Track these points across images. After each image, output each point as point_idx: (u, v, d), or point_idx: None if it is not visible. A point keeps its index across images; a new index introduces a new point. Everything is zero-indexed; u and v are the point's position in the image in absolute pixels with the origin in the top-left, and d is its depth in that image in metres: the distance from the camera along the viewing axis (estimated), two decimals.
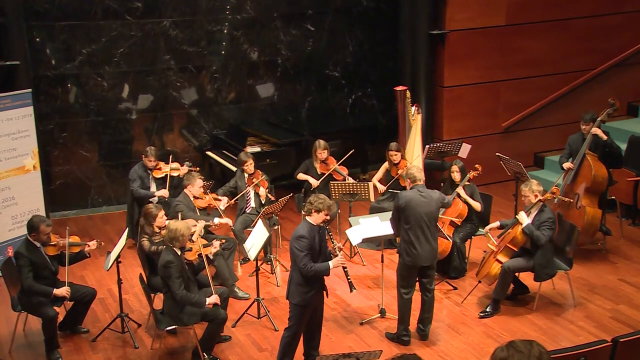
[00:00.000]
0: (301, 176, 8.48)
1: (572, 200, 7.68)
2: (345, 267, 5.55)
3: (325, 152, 8.40)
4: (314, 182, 8.37)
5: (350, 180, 8.29)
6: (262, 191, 7.94)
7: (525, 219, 6.58)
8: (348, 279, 5.62)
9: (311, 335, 5.85)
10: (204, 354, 6.08)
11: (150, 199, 8.12)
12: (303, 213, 5.66)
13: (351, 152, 8.40)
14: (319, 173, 8.47)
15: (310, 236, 5.44)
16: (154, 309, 6.25)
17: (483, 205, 7.57)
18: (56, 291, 6.21)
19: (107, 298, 7.36)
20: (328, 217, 5.52)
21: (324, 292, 5.74)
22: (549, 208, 6.75)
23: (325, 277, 5.66)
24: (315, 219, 5.48)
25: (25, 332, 6.68)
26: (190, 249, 6.25)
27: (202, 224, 7.04)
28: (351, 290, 5.70)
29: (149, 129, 10.08)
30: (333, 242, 5.60)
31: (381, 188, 8.30)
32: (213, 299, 6.03)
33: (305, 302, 5.56)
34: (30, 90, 8.23)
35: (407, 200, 6.02)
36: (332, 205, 5.51)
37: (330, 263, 5.46)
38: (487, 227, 7.04)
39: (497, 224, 7.04)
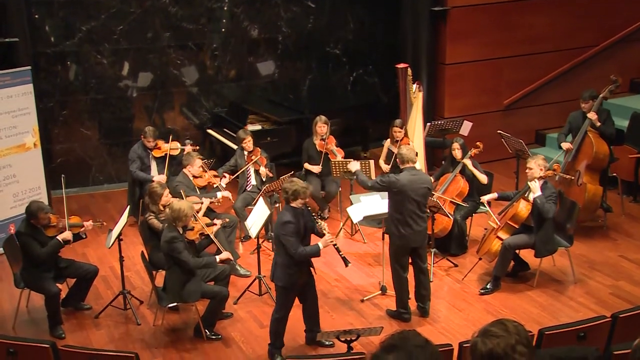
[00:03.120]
0: (306, 166, 8.48)
1: (573, 178, 7.66)
2: (336, 244, 5.53)
3: (325, 127, 8.37)
4: (317, 169, 8.36)
5: (341, 159, 8.25)
6: (262, 169, 7.92)
7: (537, 188, 6.53)
8: (341, 255, 5.61)
9: (309, 312, 5.88)
10: (206, 330, 6.12)
11: (149, 183, 8.11)
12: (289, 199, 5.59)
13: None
14: (318, 151, 8.45)
15: (296, 220, 5.45)
16: (156, 286, 6.27)
17: (488, 179, 7.55)
18: (61, 235, 6.23)
19: (109, 275, 7.38)
20: (306, 200, 5.49)
21: (311, 269, 5.73)
22: (551, 184, 6.73)
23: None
24: (296, 203, 5.49)
25: (29, 308, 6.71)
26: (192, 228, 6.25)
27: (206, 202, 7.04)
28: (346, 265, 5.70)
29: (149, 107, 10.04)
30: (318, 223, 5.55)
31: (385, 168, 8.27)
32: (224, 255, 6.07)
33: (291, 283, 5.60)
34: (29, 67, 8.18)
35: (400, 184, 5.99)
36: (306, 191, 5.43)
37: (320, 243, 5.45)
38: (485, 197, 7.02)
39: (495, 195, 7.03)
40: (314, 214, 5.59)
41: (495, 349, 2.45)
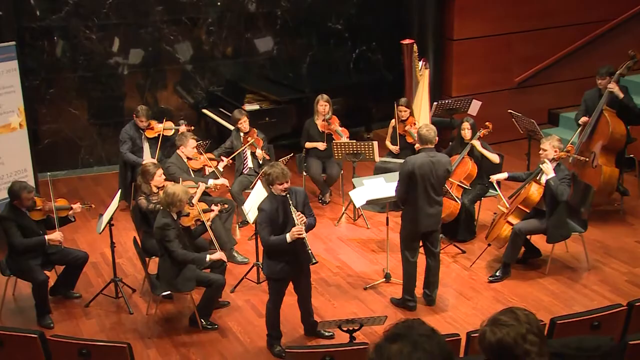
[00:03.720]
0: (308, 145, 8.46)
1: (587, 159, 7.63)
2: (303, 238, 5.41)
3: (327, 106, 8.34)
4: (322, 146, 8.33)
5: (347, 140, 8.23)
6: (258, 151, 7.90)
7: (550, 170, 6.51)
8: (307, 249, 5.44)
9: (300, 304, 5.88)
10: (202, 320, 6.13)
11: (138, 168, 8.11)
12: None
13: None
14: (321, 131, 8.42)
15: (271, 208, 5.43)
16: (149, 274, 6.27)
17: (500, 158, 7.53)
18: (49, 236, 6.22)
19: (100, 262, 7.39)
20: (286, 186, 5.42)
21: (305, 259, 5.58)
22: (564, 166, 6.71)
23: (305, 247, 5.56)
24: (274, 189, 5.47)
25: (15, 296, 6.72)
26: (188, 214, 6.24)
27: (202, 187, 7.03)
28: (311, 263, 5.53)
29: (141, 85, 10.00)
30: (292, 212, 5.48)
31: (394, 149, 8.23)
32: (217, 255, 6.07)
33: (275, 274, 5.59)
34: (14, 43, 8.12)
35: (417, 165, 5.96)
36: (281, 174, 5.34)
37: (287, 235, 5.39)
38: (495, 177, 7.00)
39: (505, 175, 7.02)
40: (291, 202, 5.46)
41: (504, 338, 2.44)
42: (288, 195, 5.44)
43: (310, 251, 5.46)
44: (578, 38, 10.30)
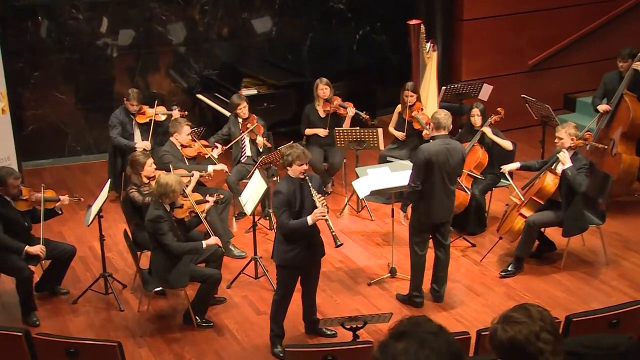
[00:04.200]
0: (308, 131, 8.45)
1: (606, 147, 7.62)
2: (328, 220, 5.50)
3: (328, 89, 8.34)
4: (323, 132, 8.33)
5: (354, 111, 8.22)
6: (259, 139, 7.89)
7: (567, 159, 6.49)
8: (332, 233, 5.56)
9: (306, 299, 5.90)
10: (197, 317, 6.14)
11: (131, 151, 8.10)
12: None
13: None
14: (322, 116, 8.42)
15: (289, 191, 5.45)
16: (141, 269, 6.29)
17: (513, 145, 7.52)
18: (29, 248, 6.22)
19: (89, 256, 7.40)
20: (305, 167, 5.47)
21: (319, 250, 5.71)
22: (582, 154, 6.70)
23: (317, 236, 5.66)
24: (292, 172, 5.49)
25: None
26: (181, 206, 6.24)
27: (196, 176, 7.03)
28: (336, 245, 5.63)
29: (132, 68, 9.98)
30: (312, 194, 5.52)
31: (400, 135, 8.22)
32: (212, 240, 6.08)
33: (287, 262, 5.60)
34: None
35: (433, 153, 5.95)
36: (302, 154, 5.43)
37: (309, 218, 5.44)
38: (506, 167, 7.00)
39: (517, 165, 7.01)
40: (311, 184, 5.52)
41: (517, 336, 2.45)
42: (307, 178, 5.49)
43: (334, 234, 5.55)
44: (596, 17, 10.26)
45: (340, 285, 6.79)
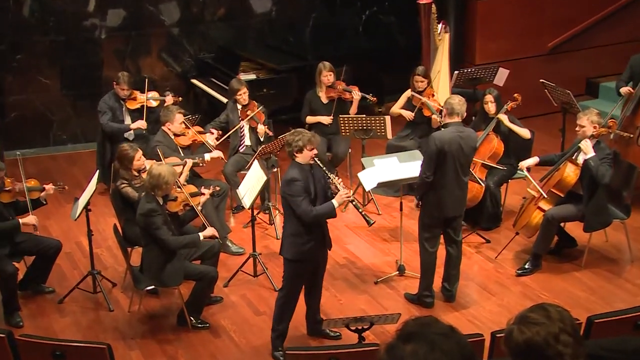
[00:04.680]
0: (310, 119, 8.44)
1: (631, 135, 7.60)
2: (354, 201, 5.59)
3: (331, 75, 8.33)
4: (327, 120, 8.32)
5: (360, 94, 8.21)
6: (260, 127, 7.89)
7: (590, 149, 6.48)
8: (361, 213, 5.71)
9: (310, 295, 5.91)
10: (191, 317, 6.15)
11: (126, 134, 8.10)
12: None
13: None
14: (325, 103, 8.41)
15: (303, 176, 5.46)
16: (131, 266, 6.30)
17: (531, 134, 7.52)
18: (24, 219, 6.24)
19: (76, 252, 7.42)
20: (315, 152, 5.49)
21: (329, 241, 5.76)
22: (605, 144, 6.68)
23: (327, 227, 5.70)
24: (302, 158, 5.49)
25: None
26: (175, 199, 6.25)
27: (189, 164, 7.03)
28: (369, 224, 5.82)
29: (121, 51, 9.98)
30: (329, 178, 5.57)
31: (408, 115, 8.19)
32: (209, 231, 6.10)
33: (302, 256, 5.59)
34: None
35: (445, 142, 5.94)
36: (312, 138, 5.49)
37: (334, 201, 5.48)
38: (524, 163, 6.99)
39: (536, 159, 6.99)
40: (324, 167, 5.58)
41: (534, 338, 2.45)
42: (318, 161, 5.51)
43: (363, 213, 5.71)
44: None
45: (345, 283, 6.79)
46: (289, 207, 5.52)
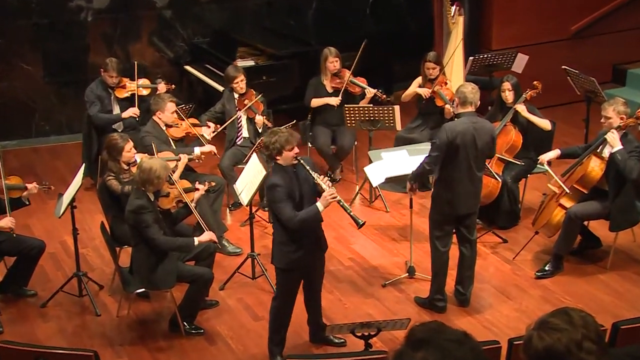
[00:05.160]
0: (316, 102, 8.42)
1: None
2: (340, 200, 5.47)
3: (338, 62, 8.33)
4: (335, 101, 8.29)
5: (374, 91, 8.19)
6: (259, 117, 7.89)
7: (617, 141, 6.47)
8: (349, 213, 5.53)
9: (309, 301, 5.92)
10: (185, 323, 6.16)
11: (115, 124, 8.11)
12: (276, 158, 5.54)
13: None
14: (330, 92, 8.41)
15: (286, 181, 5.45)
16: (120, 267, 6.30)
17: (552, 125, 7.50)
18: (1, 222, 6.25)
19: (60, 253, 7.43)
20: (297, 151, 5.44)
21: (323, 244, 5.72)
22: (633, 136, 6.67)
23: (321, 230, 5.68)
24: (283, 160, 5.47)
25: None
26: (167, 195, 6.25)
27: (184, 160, 7.04)
28: (359, 226, 5.62)
29: (109, 35, 9.99)
30: (314, 178, 5.50)
31: (425, 92, 8.12)
32: (206, 236, 6.10)
33: (292, 264, 5.60)
34: None
35: (458, 133, 5.93)
36: (289, 137, 5.38)
37: (319, 204, 5.43)
38: (544, 157, 6.98)
39: (557, 152, 6.99)
40: (308, 167, 5.49)
41: (555, 345, 2.45)
42: (302, 162, 5.48)
43: (352, 214, 5.55)
44: None
45: (350, 286, 6.80)
46: (274, 214, 5.55)
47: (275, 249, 5.66)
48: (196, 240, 6.07)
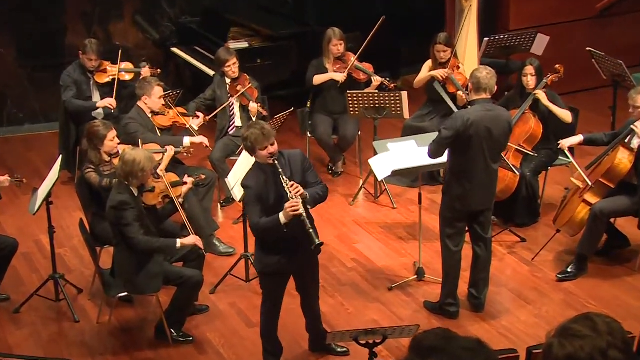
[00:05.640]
0: (319, 79, 8.40)
1: None
2: (300, 215, 5.34)
3: (342, 45, 8.33)
4: (341, 77, 8.27)
5: (380, 79, 8.19)
6: (253, 105, 7.89)
7: None
8: (307, 229, 5.37)
9: (306, 307, 5.93)
10: (172, 330, 6.17)
11: (93, 113, 8.10)
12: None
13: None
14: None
15: (259, 183, 5.46)
16: (101, 269, 6.31)
17: (573, 115, 7.50)
18: None
19: (34, 253, 7.44)
20: (271, 150, 5.38)
21: (305, 251, 5.58)
22: None
23: (308, 229, 5.57)
24: (259, 158, 5.48)
25: None
26: (153, 189, 6.25)
27: (170, 152, 7.04)
28: (312, 246, 5.41)
29: (88, 14, 10.00)
30: (284, 180, 5.44)
31: (441, 73, 8.07)
32: (190, 239, 6.11)
33: (269, 269, 5.63)
34: None
35: (472, 122, 5.93)
36: (260, 136, 5.31)
37: (281, 215, 5.36)
38: (565, 142, 6.97)
39: (580, 138, 6.98)
40: (281, 170, 5.42)
41: (577, 354, 2.45)
42: (276, 162, 5.44)
43: (311, 231, 5.38)
44: None
45: (354, 290, 6.81)
46: None
47: (255, 252, 5.74)
48: (179, 242, 6.06)
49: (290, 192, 5.37)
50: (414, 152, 6.74)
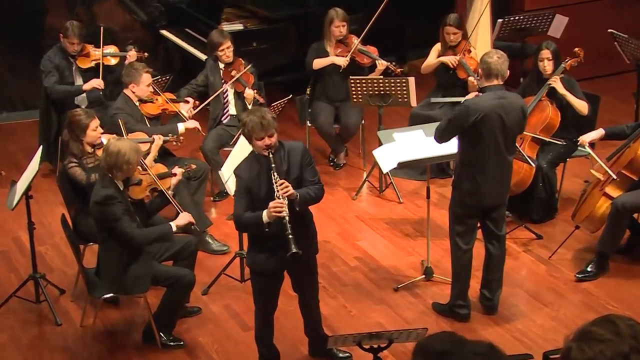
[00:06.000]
0: (318, 63, 8.38)
1: None
2: (283, 217, 5.35)
3: (344, 27, 8.32)
4: (343, 61, 8.26)
5: (386, 63, 8.18)
6: (248, 91, 7.89)
7: None
8: (287, 234, 5.35)
9: (304, 309, 5.94)
10: (161, 334, 6.17)
11: (77, 99, 8.10)
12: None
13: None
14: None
15: (250, 174, 5.48)
16: (85, 268, 6.31)
17: (590, 107, 7.49)
18: None
19: (13, 251, 7.45)
20: (268, 141, 5.36)
21: (307, 246, 5.59)
22: None
23: (312, 218, 5.70)
24: (255, 147, 5.50)
25: None
26: (139, 182, 6.26)
27: (158, 142, 7.04)
28: (289, 254, 5.36)
29: None
30: (274, 179, 5.44)
31: (452, 60, 8.07)
32: (183, 218, 6.14)
33: (257, 267, 5.67)
34: None
35: (482, 111, 5.93)
36: (258, 125, 5.31)
37: (264, 213, 5.39)
38: (586, 137, 6.98)
39: (601, 132, 6.99)
40: (274, 165, 5.42)
41: (597, 358, 2.45)
42: (271, 156, 5.44)
43: (290, 236, 5.34)
44: None
45: (357, 291, 6.82)
46: None
47: (248, 246, 5.78)
48: (173, 225, 6.10)
49: (278, 192, 5.38)
50: (421, 142, 6.74)
